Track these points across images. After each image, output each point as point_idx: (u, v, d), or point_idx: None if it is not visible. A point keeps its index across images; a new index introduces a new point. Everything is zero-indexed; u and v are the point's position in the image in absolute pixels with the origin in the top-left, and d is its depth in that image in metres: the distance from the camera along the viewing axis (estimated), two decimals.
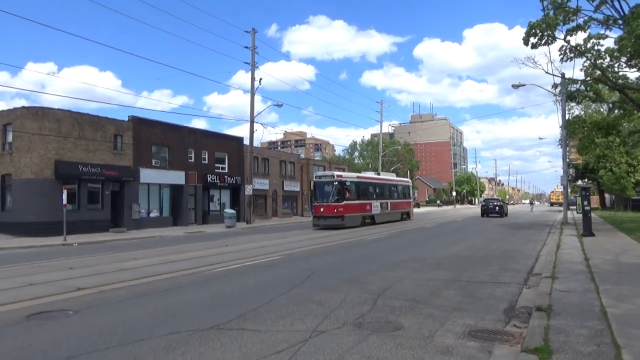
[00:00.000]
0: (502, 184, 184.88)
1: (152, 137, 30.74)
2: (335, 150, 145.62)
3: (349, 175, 29.86)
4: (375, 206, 30.79)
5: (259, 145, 64.32)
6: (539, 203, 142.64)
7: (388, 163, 75.48)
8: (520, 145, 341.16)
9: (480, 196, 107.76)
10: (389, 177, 37.38)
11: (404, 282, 9.28)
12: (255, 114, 34.30)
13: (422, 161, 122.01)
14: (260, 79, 34.56)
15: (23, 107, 25.06)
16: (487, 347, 5.17)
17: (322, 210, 26.89)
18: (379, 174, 37.04)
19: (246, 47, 34.26)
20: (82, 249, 18.82)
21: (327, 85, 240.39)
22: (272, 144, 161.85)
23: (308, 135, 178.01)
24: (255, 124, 34.60)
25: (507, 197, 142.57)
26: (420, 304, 7.42)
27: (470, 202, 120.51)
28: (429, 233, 23.14)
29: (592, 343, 4.83)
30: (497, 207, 41.67)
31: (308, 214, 43.45)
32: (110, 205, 27.72)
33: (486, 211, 41.70)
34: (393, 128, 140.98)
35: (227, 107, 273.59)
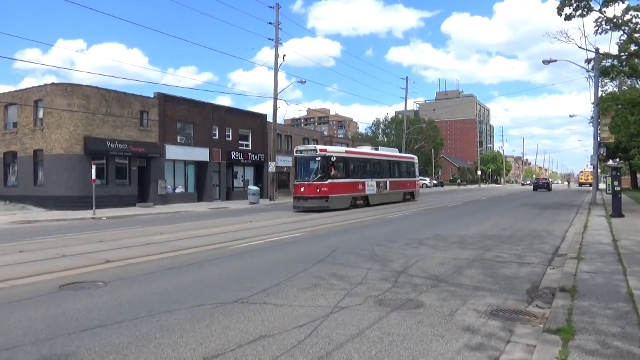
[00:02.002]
0: (530, 164, 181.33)
1: (177, 114, 31.07)
2: (358, 128, 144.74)
3: (335, 150, 25.78)
4: (370, 186, 27.21)
5: (283, 123, 64.43)
6: (559, 182, 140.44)
7: (412, 141, 74.74)
8: (550, 123, 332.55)
9: (507, 175, 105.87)
10: (389, 152, 33.00)
11: (426, 261, 9.27)
12: (278, 91, 34.23)
13: (447, 139, 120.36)
14: (284, 55, 34.34)
15: (53, 84, 25.59)
16: (509, 326, 5.16)
17: (302, 190, 23.37)
18: (377, 149, 32.46)
19: (270, 24, 33.98)
20: (111, 223, 19.36)
21: (353, 62, 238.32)
22: (295, 121, 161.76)
23: (332, 113, 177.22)
24: (278, 101, 34.58)
25: (534, 176, 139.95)
26: (442, 282, 7.43)
27: (496, 182, 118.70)
28: (453, 212, 22.95)
29: (617, 325, 4.77)
30: (545, 184, 58.25)
31: None
32: (138, 181, 28.31)
33: (537, 187, 57.98)
34: (418, 106, 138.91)
35: (251, 84, 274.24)
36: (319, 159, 23.47)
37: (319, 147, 25.25)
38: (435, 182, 78.07)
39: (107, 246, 11.68)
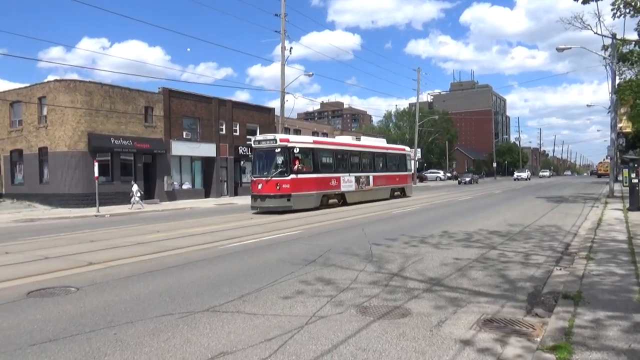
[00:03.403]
0: (547, 155, 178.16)
1: (183, 109, 30.76)
2: (372, 121, 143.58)
3: (300, 140, 22.01)
4: (347, 181, 23.61)
5: (296, 117, 63.91)
6: (586, 174, 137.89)
7: (426, 133, 73.64)
8: (570, 113, 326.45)
9: (523, 167, 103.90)
10: (373, 143, 29.47)
11: (426, 261, 8.70)
12: (286, 84, 33.68)
13: (461, 131, 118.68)
14: (291, 48, 33.69)
15: (56, 80, 25.45)
16: (501, 340, 4.58)
17: (260, 187, 19.99)
18: (358, 139, 28.94)
19: (276, 15, 33.43)
20: (113, 220, 19.11)
21: (370, 56, 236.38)
22: (308, 115, 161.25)
23: (347, 106, 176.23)
24: (287, 94, 34.05)
25: (551, 167, 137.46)
26: (437, 285, 6.86)
27: (512, 174, 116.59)
28: (463, 206, 22.23)
29: (626, 340, 4.16)
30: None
31: None
32: (143, 177, 28.09)
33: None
34: (432, 97, 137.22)
35: (268, 79, 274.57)
36: (279, 150, 19.96)
37: (279, 136, 21.41)
38: (449, 174, 76.89)
39: (95, 246, 11.33)
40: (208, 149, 32.23)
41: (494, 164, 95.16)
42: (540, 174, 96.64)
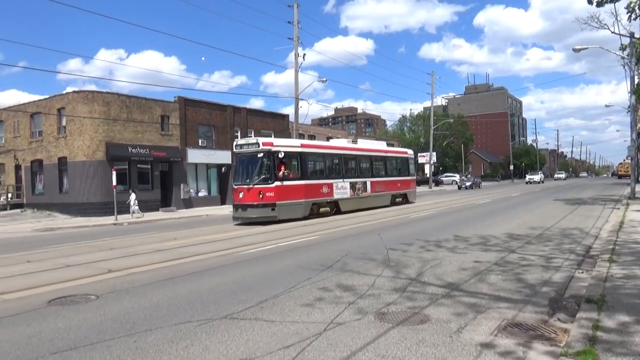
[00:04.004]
0: (565, 156, 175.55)
1: (198, 117, 31.06)
2: (386, 125, 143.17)
3: (286, 144, 19.87)
4: (341, 188, 21.76)
5: (310, 122, 64.04)
6: (606, 175, 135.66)
7: (440, 137, 73.16)
8: (588, 114, 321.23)
9: (540, 169, 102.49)
10: (372, 146, 26.90)
11: (443, 265, 8.61)
12: (300, 90, 33.80)
13: (477, 134, 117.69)
14: (304, 54, 33.78)
15: (74, 92, 25.92)
16: (523, 346, 4.50)
17: (241, 196, 18.31)
18: (355, 142, 26.71)
19: (289, 22, 33.61)
20: (131, 228, 19.32)
21: (384, 60, 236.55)
22: (322, 121, 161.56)
23: (361, 111, 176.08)
24: (301, 100, 34.15)
25: (570, 169, 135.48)
26: (456, 290, 6.78)
27: None
28: (481, 210, 22.00)
29: None
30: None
31: None
32: (160, 185, 28.39)
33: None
34: (446, 101, 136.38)
35: (282, 85, 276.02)
36: (261, 155, 18.17)
37: (262, 139, 19.42)
38: (464, 178, 76.16)
39: (115, 254, 11.46)
40: (223, 156, 32.44)
41: (511, 167, 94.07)
42: (556, 175, 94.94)
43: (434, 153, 60.43)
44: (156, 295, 7.05)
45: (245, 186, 18.26)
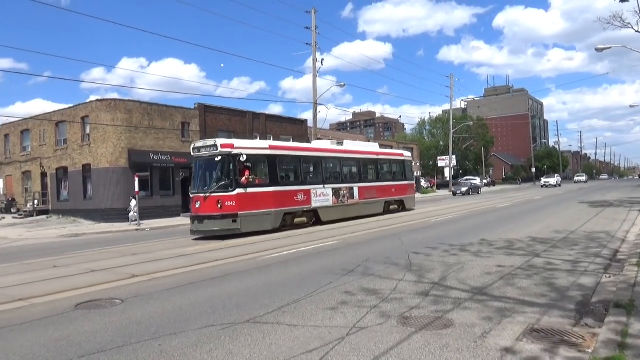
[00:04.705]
0: (589, 158, 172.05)
1: (218, 123, 31.37)
2: (405, 129, 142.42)
3: (251, 145, 17.59)
4: (321, 195, 19.22)
5: (329, 127, 64.19)
6: (632, 177, 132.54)
7: (460, 140, 72.45)
8: (612, 115, 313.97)
9: (564, 172, 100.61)
10: (362, 148, 24.14)
11: (467, 270, 8.51)
12: (318, 95, 33.90)
13: (497, 137, 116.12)
14: (322, 59, 33.89)
15: (97, 100, 26.46)
16: (549, 352, 4.42)
17: (197, 206, 16.01)
18: (341, 144, 23.16)
19: (307, 28, 33.80)
20: (153, 234, 19.59)
21: (402, 64, 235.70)
22: (341, 125, 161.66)
23: (379, 115, 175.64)
24: (319, 105, 34.24)
25: (594, 171, 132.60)
26: (480, 295, 6.70)
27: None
28: (503, 213, 21.70)
29: None
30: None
31: None
32: (181, 191, 28.71)
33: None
34: (466, 103, 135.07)
35: (300, 91, 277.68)
36: (219, 158, 15.94)
37: (221, 141, 16.97)
38: (485, 181, 75.23)
39: (138, 259, 11.63)
40: None
41: (533, 169, 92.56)
42: (576, 178, 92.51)
43: (454, 156, 59.85)
44: (179, 300, 7.13)
45: (202, 194, 15.96)
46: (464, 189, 46.59)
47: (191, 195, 16.85)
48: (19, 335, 5.70)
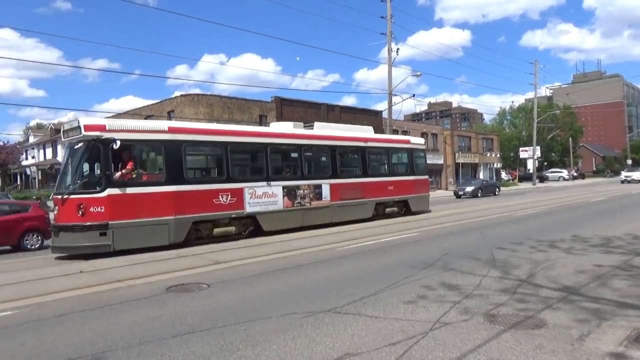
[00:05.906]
0: None
1: (294, 115, 31.87)
2: (483, 119, 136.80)
3: (133, 127, 12.16)
4: (263, 195, 14.10)
5: (402, 118, 63.08)
6: None
7: (544, 130, 68.29)
8: None
9: None
10: (343, 133, 17.95)
11: (557, 267, 8.00)
12: (393, 86, 33.39)
13: (587, 126, 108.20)
14: (398, 49, 33.26)
15: (182, 95, 27.97)
16: None
17: (56, 212, 11.74)
18: (310, 127, 17.74)
19: (382, 17, 33.30)
20: None
21: (482, 51, 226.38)
22: (415, 116, 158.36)
23: (456, 105, 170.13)
24: (394, 96, 33.71)
25: None
26: (574, 295, 6.26)
27: None
28: (596, 208, 20.18)
29: None
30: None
31: (452, 188, 41.59)
32: None
33: None
34: (551, 91, 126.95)
35: (374, 82, 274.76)
36: (82, 145, 11.70)
37: (86, 120, 11.84)
38: (574, 173, 70.32)
39: (220, 247, 12.10)
40: None
41: (629, 161, 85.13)
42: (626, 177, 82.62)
43: (538, 147, 56.57)
44: (261, 287, 7.34)
45: (59, 196, 11.42)
46: (469, 189, 33.58)
47: (53, 197, 12.16)
48: (117, 313, 6.16)
